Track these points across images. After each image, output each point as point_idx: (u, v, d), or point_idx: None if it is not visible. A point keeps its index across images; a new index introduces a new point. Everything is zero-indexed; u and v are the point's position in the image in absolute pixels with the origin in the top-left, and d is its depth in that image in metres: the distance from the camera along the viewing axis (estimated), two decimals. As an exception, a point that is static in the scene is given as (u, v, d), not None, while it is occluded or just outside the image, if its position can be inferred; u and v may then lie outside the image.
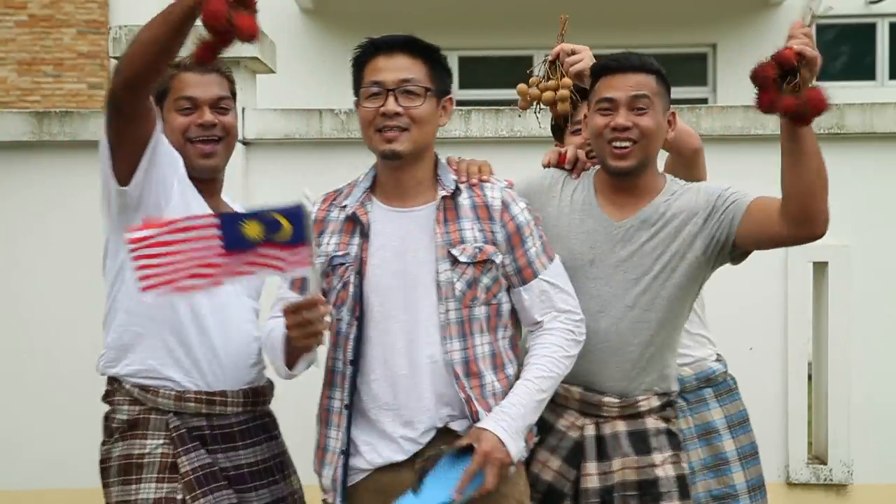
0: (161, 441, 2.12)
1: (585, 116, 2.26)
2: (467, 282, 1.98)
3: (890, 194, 3.79)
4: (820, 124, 3.68)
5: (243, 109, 3.74)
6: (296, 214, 1.82)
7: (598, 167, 2.25)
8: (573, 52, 2.37)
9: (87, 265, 3.87)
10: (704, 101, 9.40)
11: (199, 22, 1.81)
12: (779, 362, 3.75)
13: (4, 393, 3.81)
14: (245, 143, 3.77)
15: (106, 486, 2.17)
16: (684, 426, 2.42)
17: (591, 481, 2.11)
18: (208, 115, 2.24)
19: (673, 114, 2.20)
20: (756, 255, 3.86)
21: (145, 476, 2.11)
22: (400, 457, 1.99)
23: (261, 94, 4.04)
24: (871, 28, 9.40)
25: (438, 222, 2.01)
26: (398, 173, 2.05)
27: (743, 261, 2.18)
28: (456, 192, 2.04)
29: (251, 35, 1.77)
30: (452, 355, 1.98)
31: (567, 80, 2.38)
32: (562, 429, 2.15)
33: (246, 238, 1.83)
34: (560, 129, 2.53)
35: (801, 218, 2.01)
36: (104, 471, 2.18)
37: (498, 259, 2.01)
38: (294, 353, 2.00)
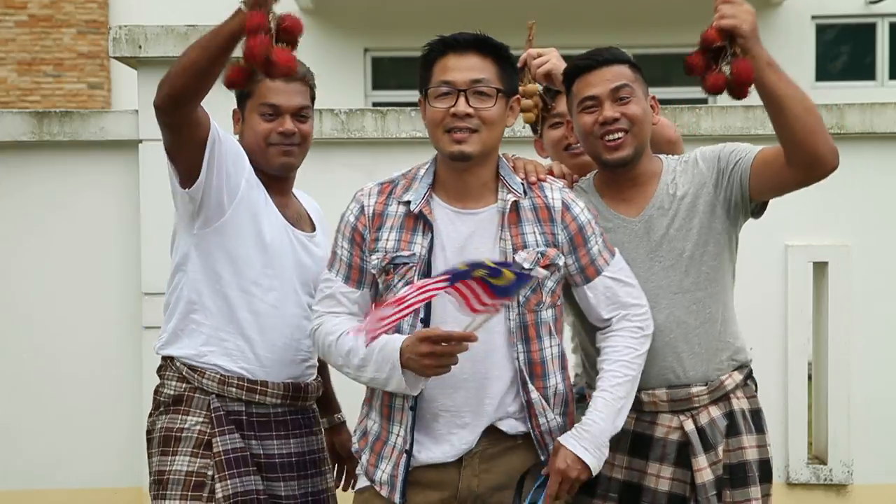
0: (201, 419, 2.23)
1: (561, 116, 2.29)
2: (531, 287, 1.98)
3: (890, 194, 3.79)
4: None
5: (243, 109, 3.74)
6: (522, 277, 1.84)
7: (592, 174, 2.26)
8: (538, 56, 2.36)
9: (87, 265, 3.88)
10: (704, 101, 9.39)
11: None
12: (779, 362, 3.75)
13: (4, 393, 3.81)
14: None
15: (149, 455, 2.29)
16: None
17: (706, 475, 2.09)
18: (289, 124, 2.31)
19: (654, 98, 2.21)
20: (756, 255, 3.87)
21: (181, 449, 2.22)
22: (451, 458, 1.99)
23: (261, 94, 4.03)
24: (871, 28, 9.40)
25: (503, 227, 1.99)
26: (464, 175, 2.01)
27: (763, 213, 2.18)
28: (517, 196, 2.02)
29: (288, 70, 1.85)
30: (518, 360, 1.98)
31: (532, 87, 2.36)
32: (661, 436, 2.13)
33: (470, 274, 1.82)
34: (534, 128, 2.54)
35: (806, 161, 2.00)
36: (149, 441, 2.31)
37: (560, 262, 2.01)
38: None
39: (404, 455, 2.00)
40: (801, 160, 1.99)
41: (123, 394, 3.75)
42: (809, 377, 3.84)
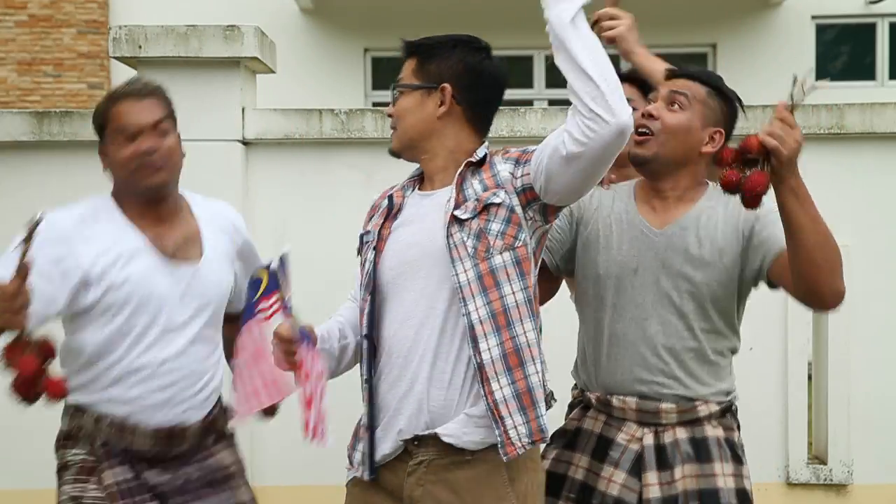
0: (85, 453, 2.21)
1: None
2: (476, 235, 1.93)
3: (890, 194, 3.79)
4: (820, 124, 3.70)
5: (243, 109, 3.74)
6: (272, 267, 2.03)
7: (638, 179, 2.24)
8: (611, 18, 2.35)
9: (87, 265, 3.88)
10: (704, 101, 9.39)
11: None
12: (779, 362, 3.75)
13: (4, 393, 3.80)
14: (245, 143, 3.77)
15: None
16: None
17: (653, 491, 2.07)
18: (149, 142, 2.22)
19: (720, 132, 2.13)
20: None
21: (68, 477, 2.20)
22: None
23: (261, 94, 4.04)
24: (871, 28, 9.40)
25: (453, 195, 1.99)
26: (422, 165, 2.11)
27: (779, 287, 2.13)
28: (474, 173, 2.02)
29: (63, 396, 1.98)
30: (469, 316, 1.90)
31: None
32: (622, 442, 2.12)
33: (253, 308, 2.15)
34: None
35: (804, 291, 1.99)
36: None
37: (499, 199, 1.95)
38: None
39: (367, 432, 2.02)
40: (800, 289, 1.98)
41: (123, 394, 3.75)
42: (809, 377, 3.84)
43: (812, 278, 1.94)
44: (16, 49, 9.23)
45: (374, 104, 9.16)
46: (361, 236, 2.12)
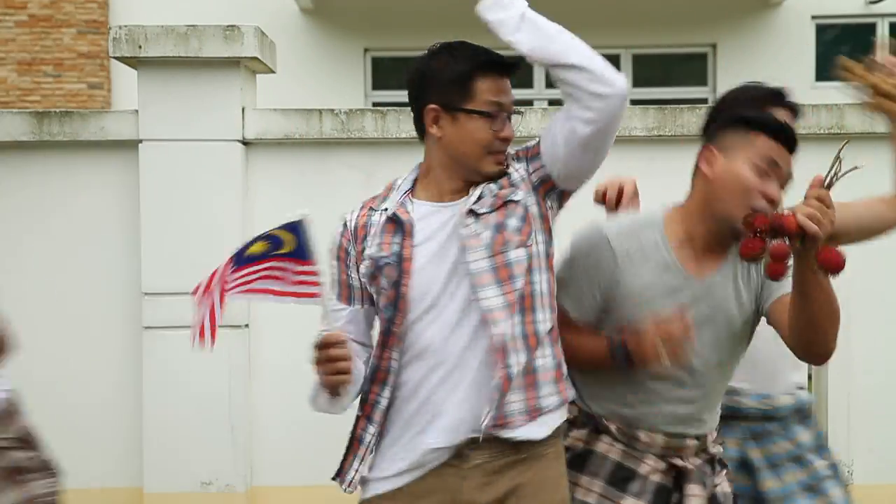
0: None
1: None
2: (494, 227, 1.91)
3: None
4: (820, 124, 3.70)
5: (243, 109, 3.74)
6: (294, 227, 1.85)
7: (665, 208, 2.13)
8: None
9: (87, 265, 3.88)
10: (704, 101, 9.39)
11: None
12: (779, 362, 3.75)
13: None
14: (245, 142, 3.77)
15: None
16: (777, 450, 2.44)
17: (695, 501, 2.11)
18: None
19: None
20: (756, 255, 3.83)
21: None
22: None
23: (261, 94, 4.04)
24: (871, 28, 9.40)
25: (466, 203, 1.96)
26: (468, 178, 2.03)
27: None
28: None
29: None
30: (480, 304, 1.89)
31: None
32: (644, 473, 2.12)
33: (252, 255, 1.87)
34: None
35: (799, 345, 1.98)
36: None
37: (519, 196, 1.95)
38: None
39: (377, 446, 2.00)
40: (794, 341, 1.98)
41: (123, 394, 3.75)
42: (809, 377, 3.84)
43: (810, 339, 1.94)
44: (16, 49, 9.23)
45: (374, 104, 9.16)
46: (375, 260, 1.97)
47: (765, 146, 1.99)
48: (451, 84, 1.95)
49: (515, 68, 1.97)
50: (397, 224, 1.98)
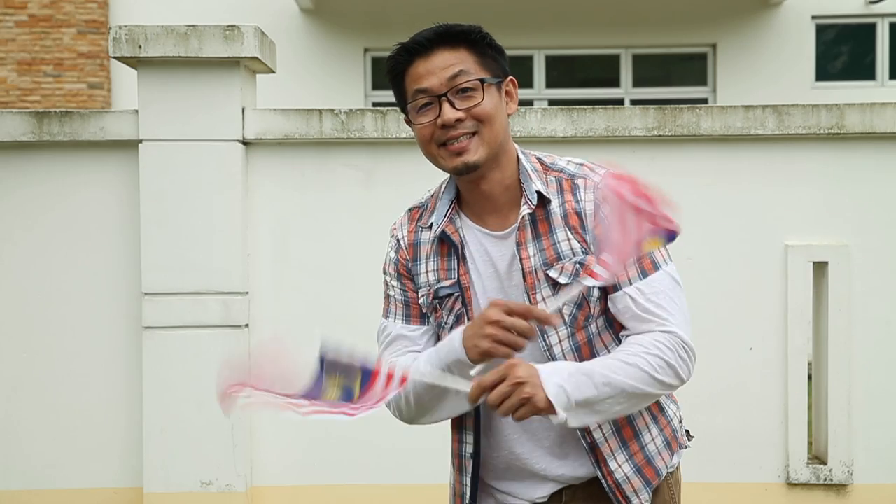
0: None
1: None
2: (577, 303, 1.71)
3: (890, 194, 3.79)
4: (820, 124, 3.70)
5: (243, 109, 3.74)
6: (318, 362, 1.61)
7: None
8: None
9: (87, 265, 3.88)
10: (704, 100, 9.40)
11: None
12: (779, 362, 3.75)
13: (4, 393, 3.81)
14: (245, 143, 3.77)
15: None
16: None
17: None
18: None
19: None
20: (756, 255, 3.85)
21: None
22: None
23: (261, 94, 4.04)
24: (871, 28, 9.40)
25: (523, 244, 1.71)
26: (481, 187, 1.75)
27: None
28: (545, 201, 1.73)
29: None
30: None
31: None
32: None
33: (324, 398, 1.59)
34: None
35: None
36: None
37: (603, 278, 1.70)
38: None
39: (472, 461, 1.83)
40: None
41: (123, 394, 3.75)
42: (809, 377, 3.84)
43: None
44: (16, 49, 9.23)
45: (374, 104, 9.17)
46: (437, 290, 1.77)
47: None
48: (396, 92, 1.77)
49: (439, 39, 1.71)
50: (450, 246, 1.78)
